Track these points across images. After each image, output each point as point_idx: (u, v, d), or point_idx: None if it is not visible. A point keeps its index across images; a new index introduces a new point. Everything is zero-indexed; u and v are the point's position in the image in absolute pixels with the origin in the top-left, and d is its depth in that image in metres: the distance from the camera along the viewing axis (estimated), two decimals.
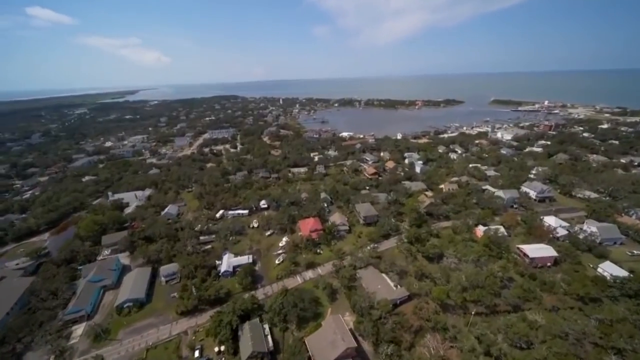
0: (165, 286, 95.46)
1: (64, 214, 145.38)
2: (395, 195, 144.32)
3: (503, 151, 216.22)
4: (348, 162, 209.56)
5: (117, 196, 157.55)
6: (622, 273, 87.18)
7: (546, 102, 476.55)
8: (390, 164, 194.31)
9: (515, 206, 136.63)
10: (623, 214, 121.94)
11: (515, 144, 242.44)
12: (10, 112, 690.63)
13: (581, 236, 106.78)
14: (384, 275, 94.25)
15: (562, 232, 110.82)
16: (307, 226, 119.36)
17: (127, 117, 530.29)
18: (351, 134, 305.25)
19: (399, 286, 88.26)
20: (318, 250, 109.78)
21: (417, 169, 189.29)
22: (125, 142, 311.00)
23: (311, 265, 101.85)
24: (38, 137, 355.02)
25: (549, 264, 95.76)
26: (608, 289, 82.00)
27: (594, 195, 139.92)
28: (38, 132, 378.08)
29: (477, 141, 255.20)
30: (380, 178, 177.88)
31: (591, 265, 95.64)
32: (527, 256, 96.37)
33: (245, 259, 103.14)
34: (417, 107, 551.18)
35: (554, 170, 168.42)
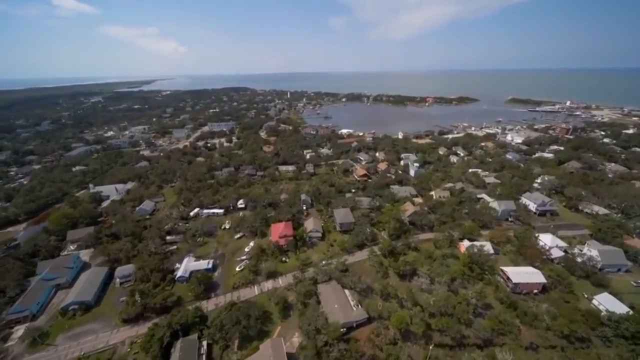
0: (118, 288, 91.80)
1: (45, 204, 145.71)
2: (380, 200, 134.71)
3: (509, 156, 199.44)
4: (340, 162, 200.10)
5: (98, 188, 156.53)
6: (621, 308, 75.09)
7: (568, 103, 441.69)
8: (382, 166, 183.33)
9: (510, 219, 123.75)
10: (634, 236, 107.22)
11: (524, 148, 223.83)
12: (30, 99, 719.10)
13: (579, 259, 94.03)
14: (346, 291, 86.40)
15: (557, 253, 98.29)
16: (277, 231, 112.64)
17: (136, 106, 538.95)
18: (351, 131, 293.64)
19: (359, 306, 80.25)
20: (284, 259, 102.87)
21: (412, 172, 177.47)
22: (126, 132, 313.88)
23: (273, 275, 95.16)
24: (47, 125, 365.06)
25: (535, 290, 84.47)
26: (600, 327, 70.54)
27: (603, 211, 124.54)
28: (48, 120, 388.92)
29: (483, 143, 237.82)
30: (369, 180, 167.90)
31: (586, 296, 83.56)
32: (510, 280, 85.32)
33: (204, 264, 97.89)
34: (427, 104, 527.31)
35: (562, 179, 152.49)
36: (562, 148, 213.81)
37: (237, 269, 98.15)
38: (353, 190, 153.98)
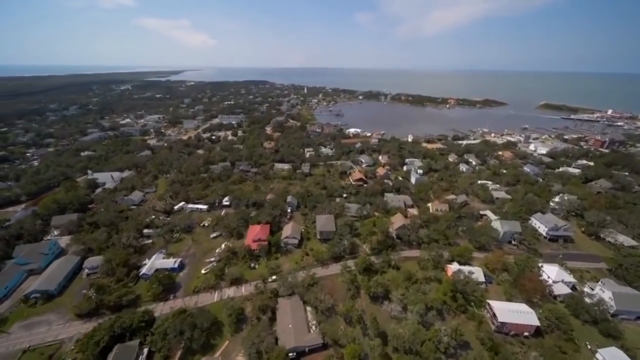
0: (85, 280, 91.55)
1: (47, 187, 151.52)
2: (368, 209, 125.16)
3: (526, 168, 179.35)
4: (339, 163, 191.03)
5: (95, 175, 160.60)
6: None
7: (609, 111, 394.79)
8: (381, 170, 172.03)
9: (513, 243, 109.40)
10: None
11: (547, 160, 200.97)
12: (67, 85, 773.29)
13: (588, 300, 79.71)
14: (308, 309, 79.60)
15: (562, 289, 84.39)
16: (253, 234, 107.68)
17: (158, 95, 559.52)
18: (358, 130, 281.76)
19: (316, 327, 73.15)
20: (252, 265, 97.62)
21: (412, 180, 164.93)
22: (141, 121, 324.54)
23: (237, 282, 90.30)
24: (74, 109, 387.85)
25: (526, 333, 72.33)
26: None
27: (630, 242, 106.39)
28: (76, 105, 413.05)
29: (500, 152, 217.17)
30: (365, 185, 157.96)
31: (589, 347, 70.21)
32: (496, 318, 73.73)
33: (170, 263, 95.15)
34: (448, 105, 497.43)
35: (584, 200, 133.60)
36: (591, 163, 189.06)
37: (203, 271, 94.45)
38: (345, 195, 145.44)
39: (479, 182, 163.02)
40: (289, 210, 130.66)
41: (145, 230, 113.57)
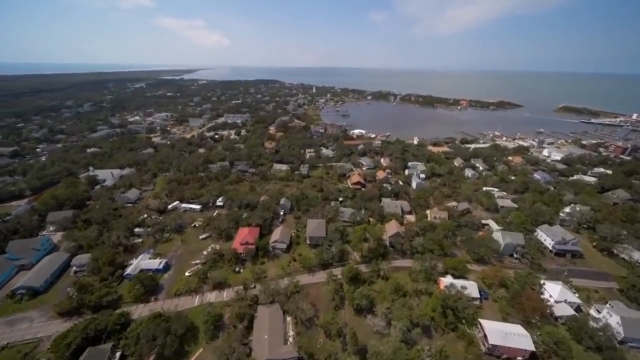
0: (72, 277, 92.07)
1: (50, 183, 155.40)
2: (362, 214, 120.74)
3: (537, 175, 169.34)
4: (339, 165, 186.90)
5: (97, 172, 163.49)
6: None
7: (635, 116, 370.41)
8: (381, 174, 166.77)
9: (515, 256, 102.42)
10: None
11: (561, 167, 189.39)
12: (87, 82, 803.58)
13: (593, 324, 72.79)
14: (288, 319, 76.66)
15: (565, 310, 77.62)
16: (240, 236, 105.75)
17: (169, 94, 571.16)
18: (362, 131, 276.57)
19: (294, 339, 70.06)
20: (237, 269, 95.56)
21: (413, 184, 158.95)
22: (149, 119, 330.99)
23: (220, 286, 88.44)
24: (88, 107, 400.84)
25: (520, 358, 66.52)
26: None
27: None
28: (90, 102, 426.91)
29: (510, 158, 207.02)
30: (362, 189, 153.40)
31: None
32: (487, 339, 68.24)
33: (155, 264, 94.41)
34: (459, 107, 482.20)
35: (598, 212, 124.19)
36: (609, 172, 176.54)
37: (187, 273, 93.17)
38: (340, 199, 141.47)
39: (484, 188, 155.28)
40: (281, 213, 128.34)
41: (137, 229, 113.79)
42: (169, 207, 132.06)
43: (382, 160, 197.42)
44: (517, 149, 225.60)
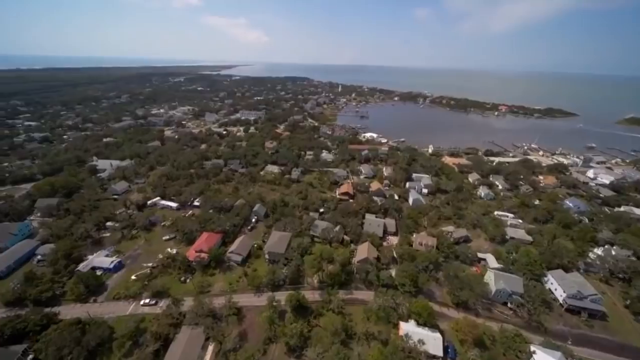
0: (33, 266, 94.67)
1: (58, 169, 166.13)
2: (337, 231, 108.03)
3: (569, 202, 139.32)
4: (335, 170, 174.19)
5: (100, 162, 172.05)
6: None
7: None
8: (375, 185, 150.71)
9: (510, 306, 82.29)
10: None
11: (608, 194, 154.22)
12: (134, 75, 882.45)
13: None
14: (210, 347, 68.76)
15: None
16: (199, 242, 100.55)
17: (200, 88, 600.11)
18: (374, 135, 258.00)
19: None
20: (183, 278, 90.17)
21: (410, 200, 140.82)
22: (172, 112, 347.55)
23: (159, 295, 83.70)
24: (125, 98, 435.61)
25: None
26: None
27: None
28: (127, 94, 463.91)
29: (541, 176, 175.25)
30: (351, 200, 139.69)
31: None
32: None
33: (107, 262, 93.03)
34: (497, 112, 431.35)
35: None
36: None
37: (133, 277, 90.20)
38: (322, 210, 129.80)
39: (496, 213, 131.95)
40: (253, 220, 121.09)
41: (108, 223, 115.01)
42: (148, 203, 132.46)
43: (384, 169, 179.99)
44: (553, 166, 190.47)
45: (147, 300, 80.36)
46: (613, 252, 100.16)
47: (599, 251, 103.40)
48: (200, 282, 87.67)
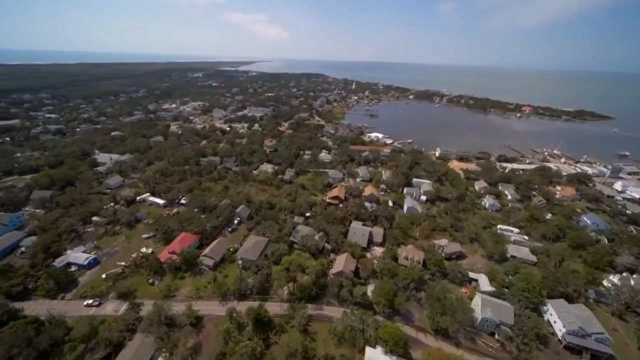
0: (16, 258, 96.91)
1: (61, 162, 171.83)
2: (317, 239, 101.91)
3: (586, 218, 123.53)
4: (331, 172, 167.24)
5: (101, 155, 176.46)
6: None
7: None
8: (368, 190, 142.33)
9: (498, 337, 72.50)
10: None
11: (637, 210, 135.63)
12: (155, 71, 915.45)
13: None
14: (160, 357, 65.73)
15: None
16: (174, 243, 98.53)
17: (214, 84, 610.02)
18: (380, 136, 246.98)
19: None
20: (152, 280, 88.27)
21: (405, 208, 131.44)
22: (183, 107, 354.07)
23: (125, 297, 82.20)
24: (142, 93, 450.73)
25: None
26: None
27: None
28: (145, 89, 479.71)
29: (559, 187, 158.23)
30: (340, 205, 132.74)
31: None
32: None
33: (81, 259, 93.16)
34: (519, 114, 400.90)
35: None
36: None
37: (103, 275, 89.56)
38: (308, 214, 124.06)
39: (499, 226, 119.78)
40: (235, 222, 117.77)
41: (94, 218, 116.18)
42: (137, 199, 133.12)
43: (383, 172, 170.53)
44: (574, 176, 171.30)
45: (90, 301, 78.86)
46: (632, 282, 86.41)
47: (615, 279, 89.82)
48: (168, 286, 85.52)
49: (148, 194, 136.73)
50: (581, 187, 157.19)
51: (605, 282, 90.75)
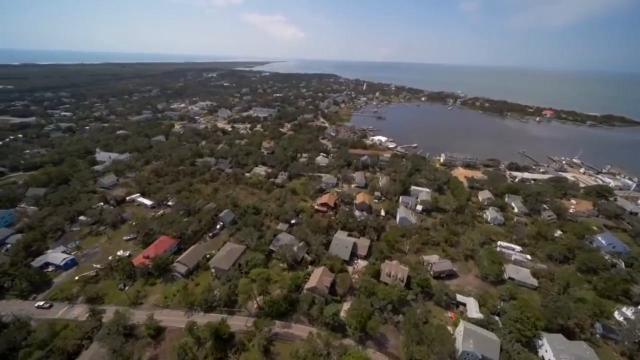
0: (1, 255, 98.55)
1: (63, 159, 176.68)
2: (296, 250, 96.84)
3: (600, 238, 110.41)
4: (325, 176, 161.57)
5: (101, 154, 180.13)
6: None
7: None
8: (360, 197, 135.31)
9: None
10: None
11: None
12: (172, 71, 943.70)
13: None
14: None
15: None
16: (152, 247, 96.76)
17: (226, 84, 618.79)
18: (383, 139, 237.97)
19: None
20: (121, 285, 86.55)
21: (397, 218, 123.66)
22: (191, 107, 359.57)
23: (93, 301, 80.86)
24: (155, 92, 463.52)
25: None
26: None
27: None
28: (157, 89, 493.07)
29: (573, 201, 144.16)
30: (329, 213, 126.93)
31: None
32: None
33: (59, 259, 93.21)
34: (538, 118, 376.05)
35: None
36: None
37: (76, 277, 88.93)
38: (293, 221, 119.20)
39: (500, 243, 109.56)
40: (218, 227, 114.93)
41: (82, 217, 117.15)
42: (127, 198, 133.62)
43: (380, 178, 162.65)
44: (593, 188, 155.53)
45: (41, 303, 77.76)
46: None
47: (628, 312, 78.44)
48: (137, 292, 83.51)
49: (138, 194, 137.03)
50: (600, 202, 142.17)
51: (616, 315, 79.56)
